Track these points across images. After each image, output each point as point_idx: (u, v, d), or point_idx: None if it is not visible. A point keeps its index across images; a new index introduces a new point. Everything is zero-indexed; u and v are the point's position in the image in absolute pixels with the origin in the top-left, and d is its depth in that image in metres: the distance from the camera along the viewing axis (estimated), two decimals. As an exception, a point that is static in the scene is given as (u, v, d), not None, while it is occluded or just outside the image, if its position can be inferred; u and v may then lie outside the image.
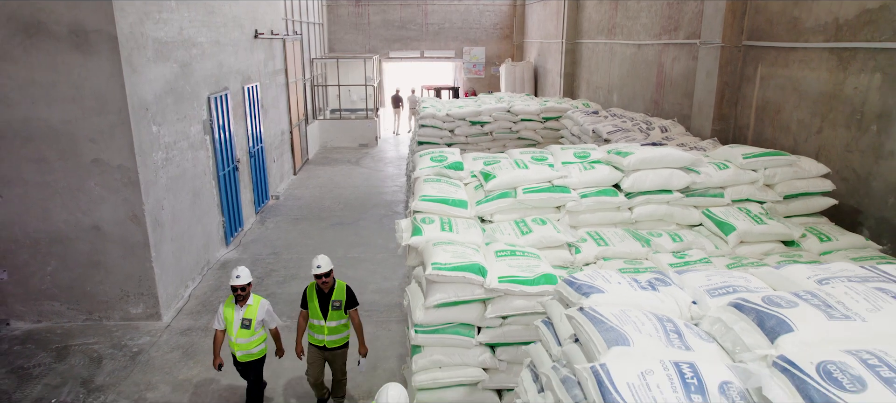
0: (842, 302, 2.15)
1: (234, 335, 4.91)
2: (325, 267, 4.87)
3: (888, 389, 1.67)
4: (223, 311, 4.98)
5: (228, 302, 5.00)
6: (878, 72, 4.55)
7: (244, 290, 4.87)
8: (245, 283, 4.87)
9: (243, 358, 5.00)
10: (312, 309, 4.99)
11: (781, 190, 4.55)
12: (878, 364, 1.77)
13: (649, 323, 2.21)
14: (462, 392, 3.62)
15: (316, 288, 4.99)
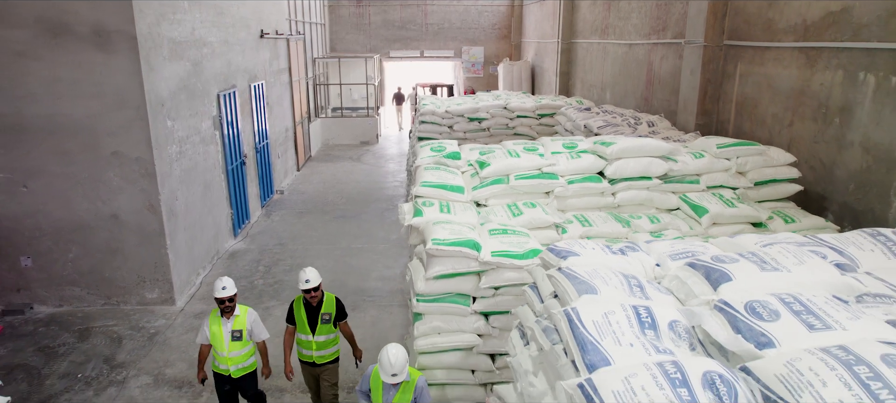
0: (775, 259, 2.56)
1: (225, 350, 4.61)
2: (314, 282, 4.54)
3: (796, 318, 2.08)
4: (208, 327, 4.68)
5: (214, 316, 4.69)
6: (841, 69, 4.97)
7: (231, 302, 4.59)
8: (232, 294, 4.58)
9: (239, 373, 4.69)
10: (300, 324, 4.69)
11: (752, 177, 4.96)
12: (792, 301, 2.18)
13: (615, 279, 2.62)
14: (458, 356, 4.03)
15: (303, 301, 4.69)
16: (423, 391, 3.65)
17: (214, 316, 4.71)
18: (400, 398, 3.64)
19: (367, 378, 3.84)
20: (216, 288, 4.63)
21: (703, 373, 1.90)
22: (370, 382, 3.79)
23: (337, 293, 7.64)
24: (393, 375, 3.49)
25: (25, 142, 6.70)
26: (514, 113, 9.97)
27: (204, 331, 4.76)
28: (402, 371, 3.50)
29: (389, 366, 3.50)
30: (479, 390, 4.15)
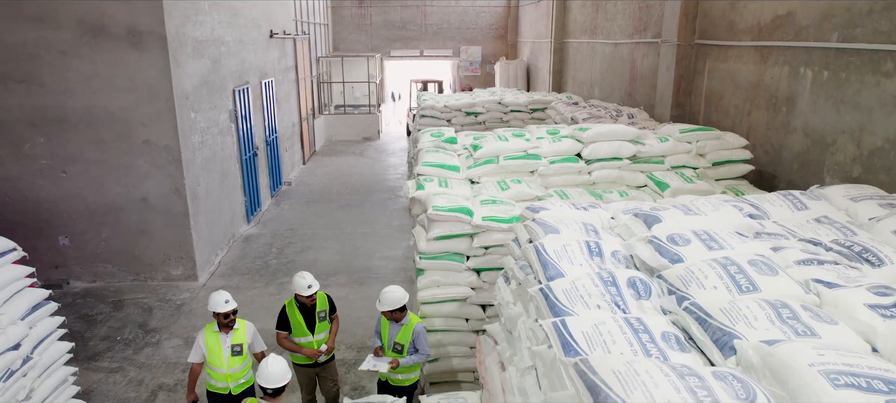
0: (698, 207, 3.32)
1: (224, 367, 4.39)
2: (316, 287, 4.61)
3: (702, 244, 2.83)
4: (204, 341, 4.46)
5: (210, 330, 4.49)
6: (786, 65, 5.71)
7: (234, 315, 4.46)
8: (235, 308, 4.43)
9: (239, 389, 4.47)
10: (296, 327, 4.68)
11: (710, 158, 5.71)
12: (703, 233, 2.93)
13: (575, 225, 3.36)
14: (454, 306, 4.78)
15: (297, 304, 4.70)
16: (420, 334, 4.38)
17: (210, 331, 4.47)
18: (401, 336, 4.38)
19: (378, 321, 4.58)
20: (217, 302, 4.39)
21: (627, 278, 2.65)
22: (380, 323, 4.54)
23: (345, 272, 8.50)
24: (378, 302, 4.32)
25: (66, 132, 7.43)
26: (508, 108, 10.72)
27: (199, 348, 4.47)
28: (393, 303, 4.28)
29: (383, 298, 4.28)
30: (471, 336, 4.89)
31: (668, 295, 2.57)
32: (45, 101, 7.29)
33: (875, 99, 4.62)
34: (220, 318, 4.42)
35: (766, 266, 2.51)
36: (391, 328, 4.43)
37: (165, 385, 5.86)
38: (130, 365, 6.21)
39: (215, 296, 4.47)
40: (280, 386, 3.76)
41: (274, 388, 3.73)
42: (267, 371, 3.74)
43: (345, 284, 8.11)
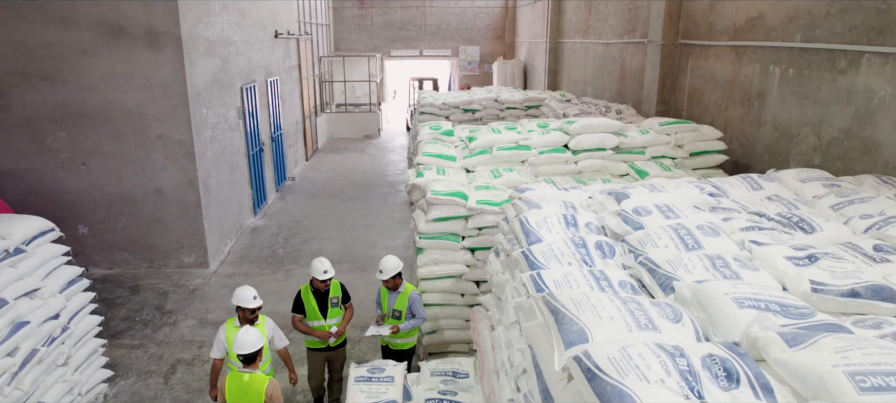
0: (663, 186, 3.79)
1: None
2: (331, 273, 4.81)
3: (661, 215, 3.30)
4: (225, 337, 4.47)
5: (230, 325, 4.52)
6: (758, 63, 6.19)
7: (258, 311, 4.52)
8: (260, 306, 4.50)
9: None
10: (310, 312, 4.89)
11: (687, 149, 6.18)
12: (664, 206, 3.41)
13: (556, 202, 3.83)
14: (451, 282, 5.25)
15: (312, 290, 4.92)
16: (415, 300, 4.86)
17: (231, 326, 4.50)
18: (399, 302, 4.87)
19: (378, 292, 5.06)
20: (245, 297, 4.45)
21: (595, 242, 3.12)
22: (380, 294, 5.02)
23: (348, 260, 8.97)
24: (379, 271, 4.80)
25: (86, 126, 7.89)
26: (504, 105, 11.19)
27: (220, 343, 4.48)
28: (392, 270, 4.79)
29: (384, 267, 4.80)
30: (466, 310, 5.36)
31: (629, 254, 3.04)
32: (66, 98, 7.75)
33: (832, 94, 5.09)
34: (245, 313, 4.46)
35: (712, 229, 2.98)
36: (389, 296, 4.91)
37: (183, 360, 6.33)
38: (150, 343, 6.68)
39: (243, 291, 4.51)
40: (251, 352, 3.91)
41: (245, 354, 3.93)
42: (240, 339, 3.93)
43: (349, 271, 8.57)
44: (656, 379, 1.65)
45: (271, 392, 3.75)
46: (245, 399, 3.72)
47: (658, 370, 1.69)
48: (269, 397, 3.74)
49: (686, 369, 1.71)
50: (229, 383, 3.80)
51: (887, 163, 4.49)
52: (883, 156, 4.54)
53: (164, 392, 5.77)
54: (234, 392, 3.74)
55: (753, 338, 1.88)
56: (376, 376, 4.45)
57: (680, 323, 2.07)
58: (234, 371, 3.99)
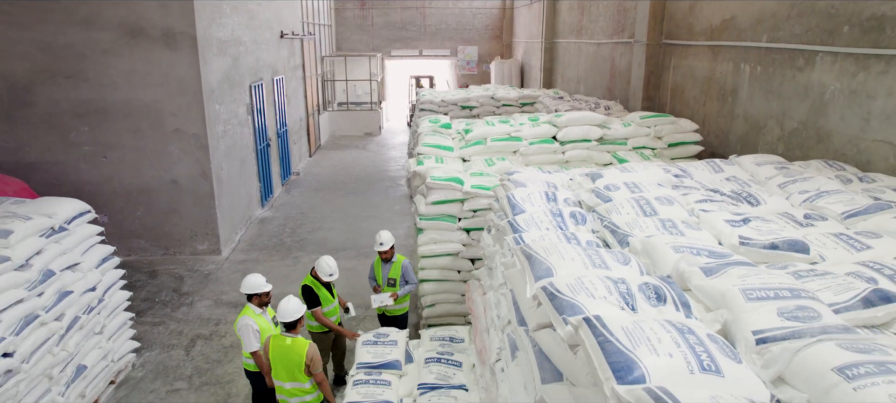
0: (634, 168, 4.33)
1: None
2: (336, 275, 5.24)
3: (628, 190, 3.84)
4: (257, 326, 4.68)
5: (253, 315, 4.73)
6: (731, 61, 6.73)
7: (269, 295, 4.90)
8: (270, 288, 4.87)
9: None
10: (324, 299, 5.29)
11: (666, 140, 6.72)
12: (631, 183, 3.94)
13: (539, 182, 4.37)
14: (448, 259, 5.79)
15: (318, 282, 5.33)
16: (407, 268, 5.44)
17: (254, 315, 4.71)
18: (393, 272, 5.42)
19: (371, 267, 5.61)
20: (258, 284, 4.78)
21: (570, 212, 3.65)
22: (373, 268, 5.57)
23: (352, 248, 9.52)
24: (380, 244, 5.38)
25: (107, 121, 8.42)
26: (500, 102, 11.72)
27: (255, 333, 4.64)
28: (390, 240, 5.36)
29: (383, 239, 5.36)
30: (462, 285, 5.90)
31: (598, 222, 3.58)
32: (89, 95, 8.28)
33: (792, 89, 5.63)
34: (261, 298, 4.79)
35: (667, 200, 3.52)
36: (383, 268, 5.49)
37: (202, 335, 6.86)
38: (170, 320, 7.21)
39: (254, 279, 4.80)
40: (293, 320, 4.39)
41: (287, 322, 4.38)
42: (282, 307, 4.40)
43: (353, 258, 9.10)
44: (600, 297, 2.19)
45: (312, 354, 4.22)
46: (287, 359, 4.19)
47: (603, 291, 2.23)
48: (310, 358, 4.21)
49: (625, 291, 2.25)
50: (273, 344, 4.27)
51: (837, 150, 5.03)
52: (834, 143, 5.08)
53: (186, 363, 6.30)
54: (278, 353, 4.21)
55: (680, 271, 2.42)
56: (381, 340, 5.00)
57: (628, 265, 2.61)
58: (278, 335, 4.42)
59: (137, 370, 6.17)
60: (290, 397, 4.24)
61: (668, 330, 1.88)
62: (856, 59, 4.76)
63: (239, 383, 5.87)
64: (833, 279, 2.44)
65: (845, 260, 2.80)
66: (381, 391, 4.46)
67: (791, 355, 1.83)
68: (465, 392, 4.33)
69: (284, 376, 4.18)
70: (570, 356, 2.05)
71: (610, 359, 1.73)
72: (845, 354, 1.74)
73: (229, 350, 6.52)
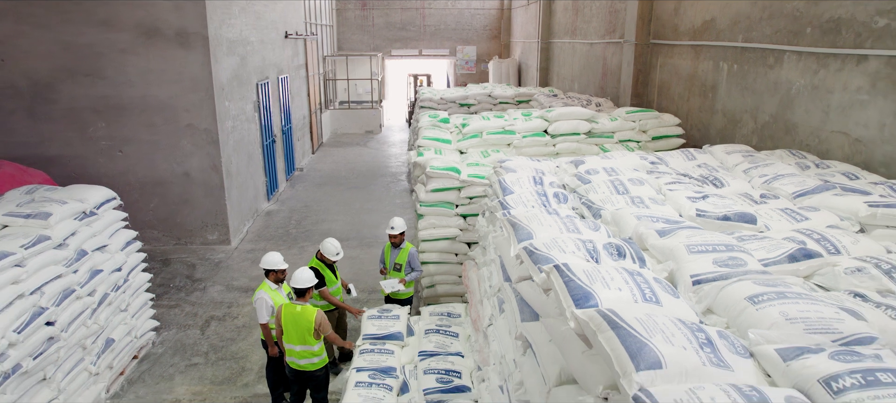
0: (614, 156, 4.80)
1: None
2: (342, 254, 5.74)
3: (605, 174, 4.31)
4: (272, 301, 5.06)
5: (270, 291, 5.12)
6: (711, 60, 7.20)
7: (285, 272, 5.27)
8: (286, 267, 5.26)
9: None
10: (329, 279, 5.72)
11: (650, 133, 7.19)
12: (609, 168, 4.41)
13: (528, 168, 4.84)
14: (446, 243, 6.26)
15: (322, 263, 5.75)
16: (413, 255, 5.85)
17: (268, 290, 5.11)
18: (400, 257, 5.86)
19: (382, 250, 6.06)
20: (277, 261, 5.19)
21: (553, 192, 4.12)
22: (383, 252, 6.02)
23: (355, 238, 9.98)
24: (391, 228, 5.79)
25: (123, 117, 8.88)
26: (497, 100, 12.19)
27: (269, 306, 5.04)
28: (401, 226, 5.76)
29: (395, 224, 5.76)
30: (459, 267, 6.36)
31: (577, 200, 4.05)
32: (106, 92, 8.74)
33: (764, 86, 6.10)
34: (277, 274, 5.21)
35: (639, 181, 3.99)
36: (392, 252, 5.92)
37: (215, 316, 7.32)
38: (185, 303, 7.67)
39: (272, 256, 5.22)
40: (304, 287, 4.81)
41: (298, 289, 4.80)
42: (296, 276, 4.84)
43: (356, 247, 9.56)
44: (570, 252, 2.66)
45: (320, 320, 4.67)
46: (298, 324, 4.64)
47: (572, 248, 2.70)
48: (318, 323, 4.66)
49: (591, 248, 2.72)
50: (285, 312, 4.72)
51: (802, 140, 5.50)
52: (799, 134, 5.55)
53: (202, 340, 6.77)
54: (289, 319, 4.66)
55: (639, 234, 2.89)
56: (385, 315, 5.47)
57: (597, 231, 3.08)
58: (289, 303, 4.85)
59: (157, 347, 6.63)
60: (299, 358, 4.70)
61: (621, 274, 2.35)
62: (817, 57, 5.23)
63: (252, 358, 6.34)
64: (769, 241, 2.91)
65: (786, 228, 3.26)
66: (385, 358, 4.92)
67: (718, 291, 2.29)
68: (462, 358, 4.79)
69: (295, 339, 4.64)
70: (544, 298, 2.51)
71: (572, 293, 2.20)
72: (755, 287, 2.21)
73: (242, 329, 6.98)
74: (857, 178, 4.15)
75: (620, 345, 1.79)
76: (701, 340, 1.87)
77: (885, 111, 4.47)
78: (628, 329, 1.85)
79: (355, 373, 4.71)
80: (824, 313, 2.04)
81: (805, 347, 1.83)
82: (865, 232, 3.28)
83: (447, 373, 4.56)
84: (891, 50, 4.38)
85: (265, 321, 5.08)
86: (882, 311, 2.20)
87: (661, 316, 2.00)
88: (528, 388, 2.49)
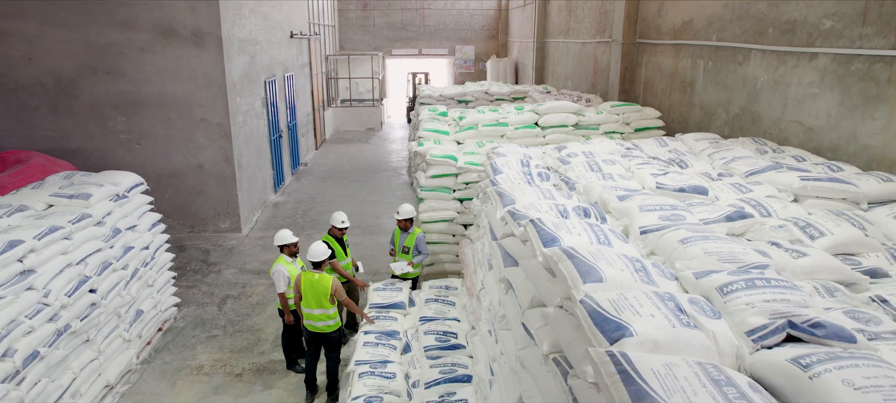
0: (593, 142, 5.38)
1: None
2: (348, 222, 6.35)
3: (584, 156, 4.90)
4: (288, 272, 5.60)
5: (285, 264, 5.66)
6: (689, 58, 7.79)
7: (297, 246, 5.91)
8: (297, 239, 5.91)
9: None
10: (338, 253, 6.27)
11: (633, 125, 7.78)
12: (587, 152, 5.01)
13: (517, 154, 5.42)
14: (444, 224, 6.85)
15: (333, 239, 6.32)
16: (420, 239, 6.42)
17: (284, 263, 5.66)
18: (408, 241, 6.43)
19: (393, 233, 6.63)
20: (288, 236, 5.83)
21: (537, 172, 4.71)
22: (394, 235, 6.59)
23: (358, 227, 10.58)
24: (397, 212, 6.36)
25: (141, 112, 9.46)
26: (494, 96, 12.78)
27: (285, 277, 5.57)
28: (409, 213, 6.31)
29: (401, 210, 6.31)
30: (456, 247, 6.95)
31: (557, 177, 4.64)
32: (126, 88, 9.32)
33: (734, 81, 6.69)
34: (291, 248, 5.84)
35: (612, 162, 4.58)
36: (401, 236, 6.49)
37: (231, 295, 7.91)
38: (202, 284, 8.26)
39: (284, 233, 5.86)
40: (320, 260, 5.42)
41: (315, 261, 5.42)
42: (312, 249, 5.46)
43: (359, 235, 10.14)
44: (544, 211, 3.25)
45: (336, 286, 5.25)
46: (316, 290, 5.21)
47: (546, 208, 3.29)
48: (334, 289, 5.24)
49: (562, 209, 3.31)
50: (304, 280, 5.29)
51: (765, 130, 6.09)
52: (763, 124, 6.14)
53: (220, 316, 7.35)
54: (308, 286, 5.24)
55: (603, 199, 3.48)
56: (389, 287, 6.07)
57: (569, 198, 3.67)
58: (308, 272, 5.42)
59: (179, 321, 7.22)
60: (316, 321, 5.29)
61: (583, 225, 2.94)
62: (777, 55, 5.82)
63: (267, 330, 6.92)
64: (714, 206, 3.50)
65: (732, 198, 3.86)
66: (389, 324, 5.51)
67: (659, 237, 2.88)
68: (458, 322, 5.39)
69: (314, 304, 5.22)
70: (522, 247, 3.10)
71: (542, 238, 2.78)
72: (687, 233, 2.80)
73: (256, 306, 7.57)
74: (804, 160, 4.74)
75: (573, 268, 2.37)
76: (637, 267, 2.46)
77: (831, 103, 5.06)
78: (580, 257, 2.44)
79: (363, 336, 5.30)
80: (735, 249, 2.63)
81: (713, 270, 2.41)
82: (798, 201, 3.87)
83: (444, 334, 5.15)
84: (836, 48, 4.97)
85: (282, 290, 5.67)
86: (785, 252, 2.79)
87: (609, 253, 2.59)
88: (509, 318, 3.08)
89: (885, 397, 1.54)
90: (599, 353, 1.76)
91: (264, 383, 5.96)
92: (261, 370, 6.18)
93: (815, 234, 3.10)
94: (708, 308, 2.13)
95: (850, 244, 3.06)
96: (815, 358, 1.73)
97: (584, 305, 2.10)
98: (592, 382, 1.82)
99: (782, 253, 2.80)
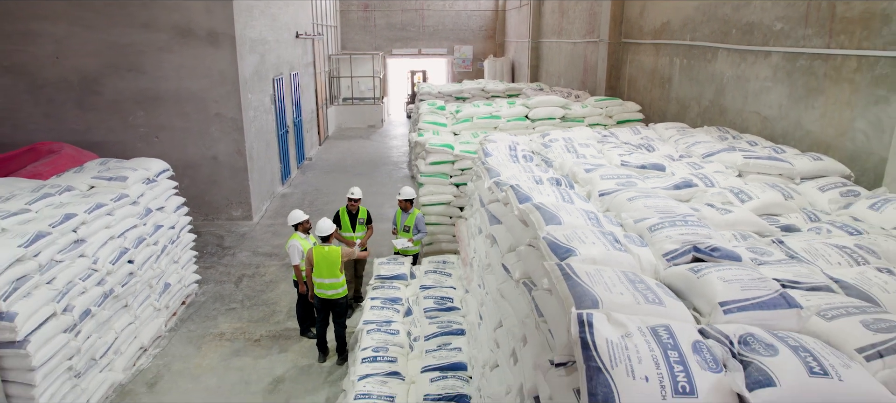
0: (571, 128, 6.07)
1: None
2: (358, 195, 7.12)
3: (564, 142, 5.59)
4: (301, 246, 6.26)
5: (299, 240, 6.32)
6: (667, 56, 8.48)
7: (308, 223, 6.59)
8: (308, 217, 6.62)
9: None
10: (344, 226, 7.13)
11: (615, 118, 8.47)
12: (567, 137, 5.69)
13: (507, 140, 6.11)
14: (442, 207, 7.54)
15: (347, 211, 7.14)
16: (420, 219, 7.11)
17: (299, 240, 6.33)
18: (409, 220, 7.12)
19: (395, 213, 7.31)
20: (299, 216, 6.52)
21: (523, 154, 5.40)
22: (396, 215, 7.28)
23: (362, 214, 11.20)
24: (399, 193, 7.04)
25: (159, 107, 10.14)
26: (490, 93, 13.46)
27: (299, 251, 6.25)
28: (409, 194, 6.98)
29: (403, 191, 7.00)
30: (453, 228, 7.64)
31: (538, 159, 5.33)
32: (145, 85, 10.00)
33: (705, 77, 7.38)
34: (303, 225, 6.54)
35: (586, 145, 5.27)
36: (402, 216, 7.19)
37: (246, 274, 8.59)
38: (219, 265, 8.94)
39: (295, 213, 6.59)
40: (327, 235, 6.16)
41: (323, 236, 6.18)
42: (319, 225, 6.18)
43: (363, 222, 10.83)
44: (523, 181, 3.94)
45: (345, 254, 5.97)
46: (328, 261, 5.90)
47: (525, 179, 3.98)
48: (345, 256, 5.94)
49: (538, 179, 4.00)
50: (316, 252, 5.97)
51: (731, 120, 6.78)
52: (729, 116, 6.83)
53: (237, 292, 8.04)
54: (320, 257, 5.93)
55: (572, 171, 4.18)
56: (393, 261, 6.76)
57: (546, 172, 4.36)
58: (318, 246, 6.11)
59: (200, 297, 7.90)
60: (327, 289, 5.98)
61: (553, 189, 3.62)
62: (739, 53, 6.51)
63: (281, 303, 7.61)
64: (668, 178, 4.20)
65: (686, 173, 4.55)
66: (393, 291, 6.20)
67: (612, 198, 3.58)
68: (454, 290, 6.08)
69: (326, 273, 5.91)
70: (504, 209, 3.79)
71: (519, 197, 3.47)
72: (635, 193, 3.49)
73: (270, 283, 8.25)
74: (755, 145, 5.44)
75: (540, 216, 3.06)
76: (590, 216, 3.15)
77: (782, 95, 5.75)
78: (546, 209, 3.12)
79: (370, 301, 5.99)
80: (671, 205, 3.32)
81: (648, 217, 3.10)
82: (742, 176, 4.56)
83: (442, 299, 5.84)
84: (785, 47, 5.66)
85: (297, 262, 6.35)
86: (716, 211, 3.48)
87: (570, 208, 3.28)
88: (492, 264, 3.77)
89: (744, 286, 2.23)
90: (551, 264, 2.45)
91: (280, 347, 6.65)
92: (277, 336, 6.87)
93: (745, 198, 3.80)
94: (638, 240, 2.82)
95: (772, 206, 3.75)
96: (704, 267, 2.42)
97: (546, 240, 2.78)
98: (547, 288, 2.51)
99: (714, 211, 3.49)
